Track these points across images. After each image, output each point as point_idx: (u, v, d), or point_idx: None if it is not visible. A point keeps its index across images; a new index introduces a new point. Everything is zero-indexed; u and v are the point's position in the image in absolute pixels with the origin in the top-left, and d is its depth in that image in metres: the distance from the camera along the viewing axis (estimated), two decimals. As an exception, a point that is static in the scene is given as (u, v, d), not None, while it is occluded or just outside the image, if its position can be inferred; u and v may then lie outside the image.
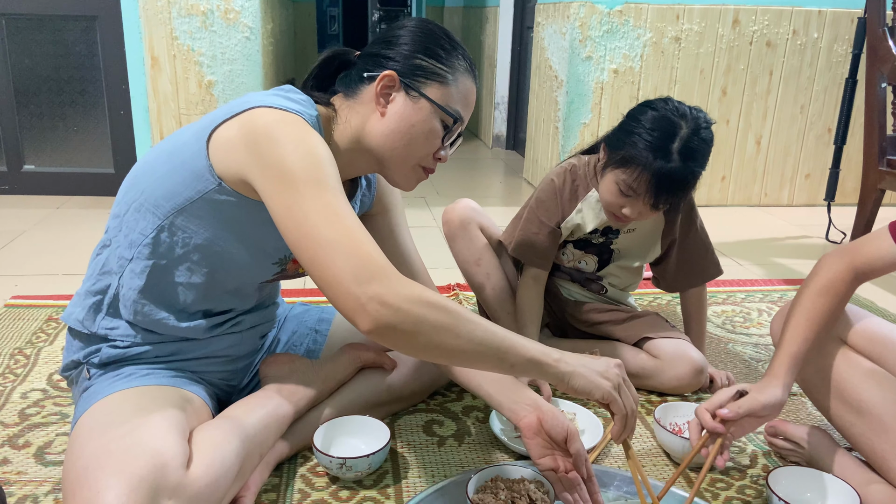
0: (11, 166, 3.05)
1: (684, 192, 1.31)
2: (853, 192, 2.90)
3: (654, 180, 1.26)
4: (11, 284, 2.04)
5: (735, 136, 3.21)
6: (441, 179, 3.70)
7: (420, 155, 1.06)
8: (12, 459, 1.22)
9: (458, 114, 1.05)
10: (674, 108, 1.28)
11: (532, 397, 1.11)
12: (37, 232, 2.56)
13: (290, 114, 0.96)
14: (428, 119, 1.04)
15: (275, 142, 0.92)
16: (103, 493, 0.83)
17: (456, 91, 1.05)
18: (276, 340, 1.34)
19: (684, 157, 1.25)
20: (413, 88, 1.03)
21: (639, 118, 1.30)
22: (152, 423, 0.93)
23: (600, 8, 2.96)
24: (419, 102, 1.03)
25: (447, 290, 2.08)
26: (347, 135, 1.07)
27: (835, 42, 3.13)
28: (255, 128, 0.94)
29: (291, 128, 0.94)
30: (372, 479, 1.19)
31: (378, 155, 1.07)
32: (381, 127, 1.05)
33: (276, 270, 1.14)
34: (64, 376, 1.18)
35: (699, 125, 1.26)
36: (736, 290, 2.17)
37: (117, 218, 1.10)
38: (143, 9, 2.78)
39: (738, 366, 1.67)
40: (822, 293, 1.09)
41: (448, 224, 1.60)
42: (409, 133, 1.04)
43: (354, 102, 1.07)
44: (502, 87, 4.61)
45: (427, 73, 1.03)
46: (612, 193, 1.34)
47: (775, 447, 1.29)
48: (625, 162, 1.29)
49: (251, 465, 1.07)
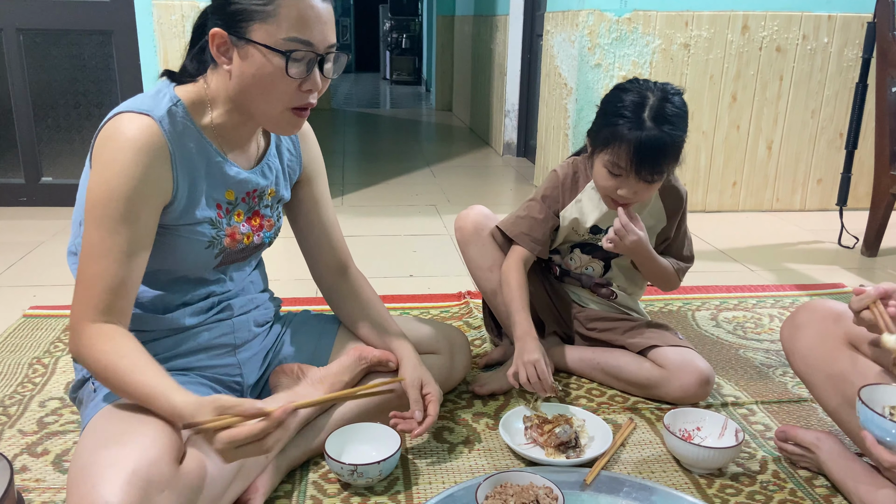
0: (29, 179, 3.10)
1: (667, 158, 1.34)
2: (865, 196, 2.88)
3: (635, 150, 1.31)
4: (30, 295, 2.08)
5: (746, 141, 3.21)
6: (452, 187, 3.72)
7: (280, 98, 1.04)
8: (31, 467, 1.24)
9: (293, 42, 1.00)
10: (640, 83, 1.36)
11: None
12: (54, 243, 2.60)
13: (136, 117, 1.01)
14: (263, 64, 1.01)
15: (97, 160, 1.01)
16: (99, 486, 0.86)
17: (283, 18, 0.99)
18: (281, 343, 1.35)
19: (658, 122, 1.30)
20: (239, 38, 1.01)
21: (610, 100, 1.38)
22: (148, 424, 0.96)
23: (609, 16, 2.97)
24: (248, 50, 1.01)
25: (457, 297, 2.09)
26: (221, 101, 1.09)
27: (845, 46, 3.12)
28: (101, 140, 1.03)
29: (110, 148, 1.00)
30: (383, 485, 1.21)
31: (245, 112, 1.09)
32: (233, 86, 1.06)
33: (215, 252, 1.15)
34: (72, 398, 1.21)
35: (667, 92, 1.33)
36: (747, 295, 2.17)
37: (74, 255, 1.14)
38: (158, 23, 2.82)
39: (748, 371, 1.67)
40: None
41: (461, 231, 1.61)
42: (254, 83, 1.03)
43: (216, 68, 1.08)
44: (512, 94, 4.62)
45: (246, 16, 1.00)
46: (603, 177, 1.38)
47: (785, 452, 1.29)
48: (606, 142, 1.35)
49: (254, 465, 1.09)
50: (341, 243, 1.38)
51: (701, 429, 1.33)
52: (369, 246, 2.63)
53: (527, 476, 1.12)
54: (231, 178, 1.14)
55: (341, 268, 1.38)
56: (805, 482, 1.24)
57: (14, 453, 1.28)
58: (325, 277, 1.38)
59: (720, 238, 2.84)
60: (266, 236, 1.25)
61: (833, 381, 1.16)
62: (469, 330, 1.86)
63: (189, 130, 1.07)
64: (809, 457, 1.25)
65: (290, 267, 1.43)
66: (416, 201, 3.40)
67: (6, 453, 1.24)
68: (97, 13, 2.93)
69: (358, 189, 3.63)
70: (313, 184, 1.32)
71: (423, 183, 3.83)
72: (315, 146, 1.33)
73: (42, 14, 2.91)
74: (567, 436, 1.27)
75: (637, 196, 1.38)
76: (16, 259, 2.41)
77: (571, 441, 1.27)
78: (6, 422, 1.39)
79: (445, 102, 7.30)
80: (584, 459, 1.25)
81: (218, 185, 1.13)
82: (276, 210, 1.26)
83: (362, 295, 1.38)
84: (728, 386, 1.59)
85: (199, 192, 1.10)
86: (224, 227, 1.15)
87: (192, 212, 1.10)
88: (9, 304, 1.99)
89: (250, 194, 1.19)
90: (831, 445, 1.22)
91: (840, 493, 1.20)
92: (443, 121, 6.64)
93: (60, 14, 2.92)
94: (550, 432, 1.28)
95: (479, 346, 1.77)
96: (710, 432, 1.32)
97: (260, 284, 1.34)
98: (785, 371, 1.67)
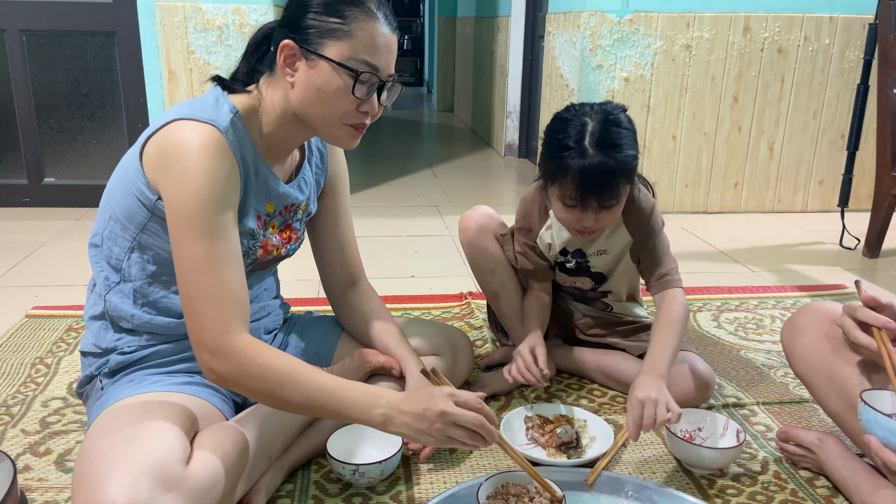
0: (32, 179, 3.11)
1: (617, 182, 1.26)
2: (867, 197, 2.88)
3: (581, 181, 1.24)
4: (32, 295, 2.08)
5: (748, 142, 3.21)
6: (453, 188, 3.73)
7: (339, 114, 1.06)
8: (34, 466, 1.25)
9: (362, 64, 1.03)
10: (578, 108, 1.29)
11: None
12: (57, 243, 2.61)
13: (201, 126, 0.99)
14: (331, 78, 1.03)
15: (171, 171, 0.99)
16: (105, 485, 0.86)
17: (357, 41, 1.02)
18: (285, 344, 1.36)
19: (601, 147, 1.23)
20: (310, 51, 1.03)
21: (551, 131, 1.30)
22: (155, 424, 0.96)
23: (610, 17, 2.97)
24: (318, 64, 1.03)
25: (459, 298, 2.09)
26: (275, 112, 1.10)
27: (846, 48, 3.12)
28: (165, 148, 1.00)
29: (183, 158, 0.98)
30: (384, 485, 1.21)
31: (304, 122, 1.10)
32: (295, 96, 1.07)
33: (248, 262, 1.16)
34: (79, 393, 1.22)
35: (607, 113, 1.26)
36: (749, 296, 2.17)
37: (96, 248, 1.15)
38: (161, 24, 2.83)
39: (749, 372, 1.67)
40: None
41: (464, 232, 1.60)
42: (318, 96, 1.04)
43: (273, 79, 1.09)
44: (514, 96, 4.63)
45: (321, 33, 1.02)
46: (561, 210, 1.32)
47: (787, 453, 1.29)
48: (554, 177, 1.28)
49: (259, 466, 1.09)
50: (355, 257, 1.38)
51: (702, 429, 1.33)
52: (371, 247, 2.64)
53: (528, 476, 1.12)
54: (273, 191, 1.15)
55: (352, 280, 1.38)
56: (806, 483, 1.24)
57: (17, 453, 1.28)
58: (335, 288, 1.39)
59: (722, 239, 2.84)
60: (291, 248, 1.26)
61: (833, 383, 1.16)
62: (470, 330, 1.86)
63: (245, 141, 1.08)
64: (810, 457, 1.25)
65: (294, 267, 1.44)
66: (417, 202, 3.41)
67: (9, 453, 1.25)
68: (100, 14, 2.94)
69: (360, 190, 3.63)
70: (336, 196, 1.33)
71: (424, 184, 3.83)
72: (342, 160, 1.33)
73: (45, 15, 2.92)
74: (568, 436, 1.27)
75: (600, 223, 1.31)
76: (19, 259, 2.41)
77: (573, 441, 1.28)
78: (9, 421, 1.39)
79: (447, 103, 7.31)
80: (585, 460, 1.25)
81: (262, 197, 1.14)
82: (304, 223, 1.28)
83: (368, 308, 1.37)
84: (729, 387, 1.59)
85: (249, 202, 1.11)
86: (260, 238, 1.16)
87: (241, 221, 1.10)
88: (12, 305, 2.00)
89: (288, 208, 1.20)
90: (832, 446, 1.22)
91: (841, 493, 1.20)
92: (444, 122, 6.65)
93: (63, 15, 2.93)
94: (552, 432, 1.28)
95: (481, 347, 1.77)
96: (711, 433, 1.32)
97: (273, 291, 1.35)
98: (786, 372, 1.67)
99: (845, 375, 1.14)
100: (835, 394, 1.16)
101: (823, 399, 1.19)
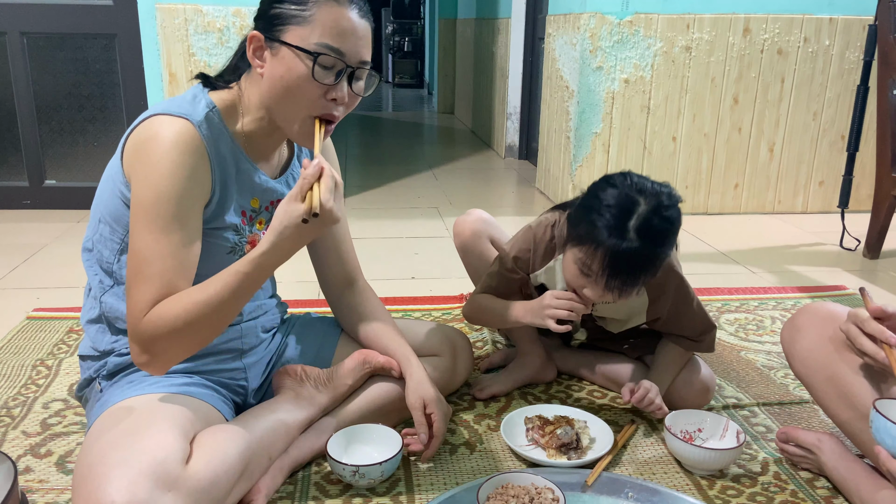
0: (33, 181, 3.12)
1: (643, 274, 1.19)
2: (867, 198, 2.88)
3: (609, 260, 1.15)
4: (33, 297, 2.08)
5: (748, 143, 3.21)
6: (454, 189, 3.73)
7: (304, 104, 1.04)
8: (35, 468, 1.25)
9: (323, 48, 1.00)
10: (633, 184, 1.18)
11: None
12: (58, 245, 2.61)
13: (175, 121, 1.00)
14: (292, 65, 1.01)
15: (140, 165, 1.00)
16: (105, 486, 0.86)
17: (318, 25, 1.00)
18: (284, 345, 1.36)
19: (642, 235, 1.14)
20: (273, 39, 1.02)
21: (597, 194, 1.20)
22: (154, 425, 0.97)
23: (610, 18, 2.98)
24: (280, 51, 1.02)
25: (459, 300, 2.09)
26: (254, 107, 1.10)
27: (846, 49, 3.12)
28: (137, 143, 1.02)
29: (151, 151, 0.99)
30: (385, 486, 1.21)
31: (271, 116, 1.09)
32: (264, 87, 1.06)
33: (235, 258, 1.15)
34: (78, 397, 1.22)
35: (661, 202, 1.15)
36: (749, 297, 2.17)
37: (89, 252, 1.15)
38: (161, 26, 2.84)
39: (749, 373, 1.67)
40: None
41: (459, 236, 1.60)
42: (282, 85, 1.03)
43: (252, 74, 1.09)
44: (514, 97, 4.63)
45: (283, 20, 1.01)
46: (571, 273, 1.24)
47: (787, 454, 1.30)
48: (581, 240, 1.19)
49: (258, 466, 1.10)
50: (350, 256, 1.38)
51: (702, 430, 1.33)
52: (371, 248, 2.64)
53: (528, 477, 1.12)
54: (258, 186, 1.15)
55: (349, 281, 1.38)
56: (806, 483, 1.24)
57: (18, 454, 1.28)
58: (333, 289, 1.39)
59: (722, 240, 2.84)
60: None
61: (833, 384, 1.16)
62: (470, 332, 1.87)
63: (223, 136, 1.08)
64: (810, 458, 1.25)
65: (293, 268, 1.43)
66: (418, 204, 3.41)
67: (10, 454, 1.25)
68: (101, 17, 2.95)
69: (360, 192, 3.64)
70: None
71: (425, 185, 3.83)
72: (333, 159, 1.33)
73: (46, 18, 2.92)
74: (568, 437, 1.27)
75: (602, 299, 1.23)
76: (19, 261, 2.42)
77: (573, 442, 1.28)
78: (10, 423, 1.39)
79: (447, 105, 7.31)
80: (585, 461, 1.26)
81: (245, 192, 1.14)
82: None
83: (367, 308, 1.36)
84: (729, 388, 1.60)
85: (229, 197, 1.11)
86: (246, 234, 1.16)
87: (220, 216, 1.11)
88: (12, 307, 2.00)
89: (274, 203, 1.20)
90: (832, 446, 1.22)
91: (841, 494, 1.20)
92: (445, 123, 6.65)
93: (64, 18, 2.93)
94: (552, 433, 1.28)
95: (481, 349, 1.78)
96: (711, 434, 1.32)
97: (269, 290, 1.35)
98: (786, 373, 1.67)
99: (845, 377, 1.14)
100: (835, 395, 1.16)
101: (823, 400, 1.20)
